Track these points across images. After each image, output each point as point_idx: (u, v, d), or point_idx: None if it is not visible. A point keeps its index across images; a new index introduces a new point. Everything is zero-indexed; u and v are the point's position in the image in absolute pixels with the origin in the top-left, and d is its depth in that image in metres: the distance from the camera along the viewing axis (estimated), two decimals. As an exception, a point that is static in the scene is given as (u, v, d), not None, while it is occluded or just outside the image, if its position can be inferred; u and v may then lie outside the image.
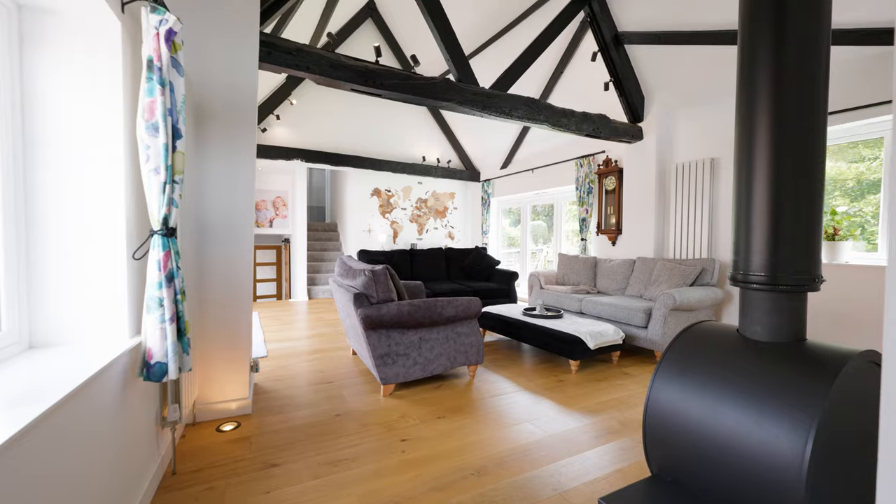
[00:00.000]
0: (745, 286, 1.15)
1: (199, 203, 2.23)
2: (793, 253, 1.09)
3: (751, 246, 1.15)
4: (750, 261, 1.15)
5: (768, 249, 1.11)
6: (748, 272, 1.14)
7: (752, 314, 1.13)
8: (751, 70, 1.16)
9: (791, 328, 1.09)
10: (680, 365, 1.18)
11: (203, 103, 2.22)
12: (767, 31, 1.13)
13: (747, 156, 1.17)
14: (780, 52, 1.12)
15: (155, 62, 1.36)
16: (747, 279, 1.14)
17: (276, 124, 6.28)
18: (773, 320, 1.09)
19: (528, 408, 2.52)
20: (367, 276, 2.61)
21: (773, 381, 1.01)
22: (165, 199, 1.41)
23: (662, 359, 1.23)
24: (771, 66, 1.12)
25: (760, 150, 1.13)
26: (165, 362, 1.43)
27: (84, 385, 1.08)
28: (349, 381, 2.95)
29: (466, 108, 3.39)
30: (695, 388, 1.11)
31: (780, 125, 1.12)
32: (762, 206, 1.12)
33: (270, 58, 2.61)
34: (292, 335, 4.34)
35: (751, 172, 1.15)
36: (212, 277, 2.28)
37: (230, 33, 2.25)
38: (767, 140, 1.12)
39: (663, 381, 1.20)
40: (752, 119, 1.17)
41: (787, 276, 1.08)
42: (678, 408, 1.14)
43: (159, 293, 1.41)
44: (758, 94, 1.16)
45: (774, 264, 1.10)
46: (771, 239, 1.11)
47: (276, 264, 8.75)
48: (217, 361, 2.31)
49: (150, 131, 1.38)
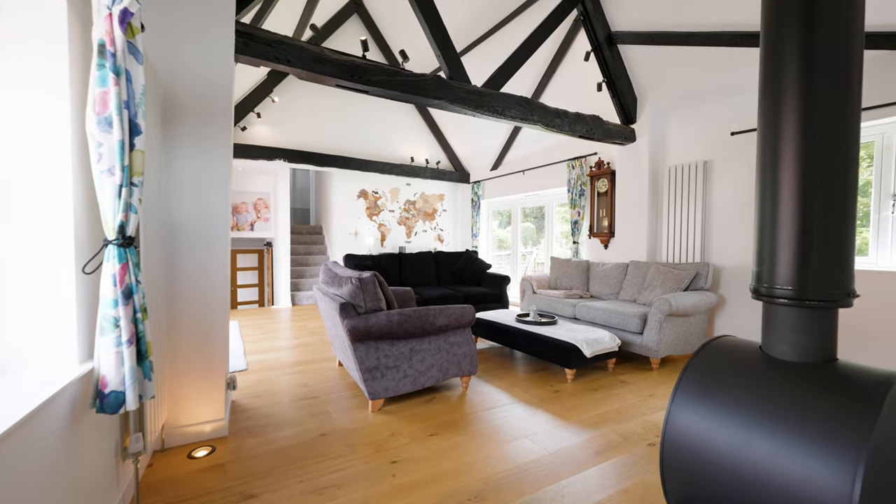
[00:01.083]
0: (770, 300, 1.04)
1: (167, 207, 2.04)
2: (823, 265, 0.98)
3: (776, 257, 1.04)
4: (775, 273, 1.04)
5: (796, 261, 1.00)
6: (773, 285, 1.03)
7: (778, 331, 1.03)
8: (776, 66, 1.05)
9: (821, 348, 0.98)
10: (700, 386, 1.06)
11: (172, 97, 2.03)
12: (795, 23, 1.02)
13: (772, 157, 1.06)
14: (809, 43, 1.01)
15: (107, 47, 1.19)
16: (772, 293, 1.03)
17: (256, 122, 6.04)
18: (801, 339, 0.99)
19: (525, 421, 2.39)
20: (354, 285, 2.44)
21: (808, 408, 0.90)
22: (121, 203, 1.24)
23: (681, 378, 1.11)
24: (799, 58, 1.02)
25: (787, 151, 1.02)
26: (122, 391, 1.24)
27: (17, 426, 0.91)
28: (335, 395, 2.78)
29: (458, 107, 3.25)
30: (719, 413, 1.00)
31: (810, 123, 1.01)
32: (789, 212, 1.01)
33: (248, 49, 2.43)
34: (274, 345, 4.13)
35: (776, 175, 1.05)
36: (183, 288, 2.09)
37: (202, 20, 2.07)
38: (795, 139, 1.02)
39: (683, 403, 1.08)
40: (778, 117, 1.06)
41: (816, 290, 0.97)
42: (701, 434, 1.03)
43: (114, 312, 1.23)
44: (784, 90, 1.05)
45: (803, 277, 1.00)
46: (799, 249, 1.01)
47: (257, 269, 8.47)
48: (189, 380, 2.11)
49: (103, 126, 1.20)
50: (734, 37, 3.35)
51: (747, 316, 3.73)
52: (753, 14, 3.19)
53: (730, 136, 3.85)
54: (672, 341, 3.40)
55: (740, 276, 3.78)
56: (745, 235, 3.74)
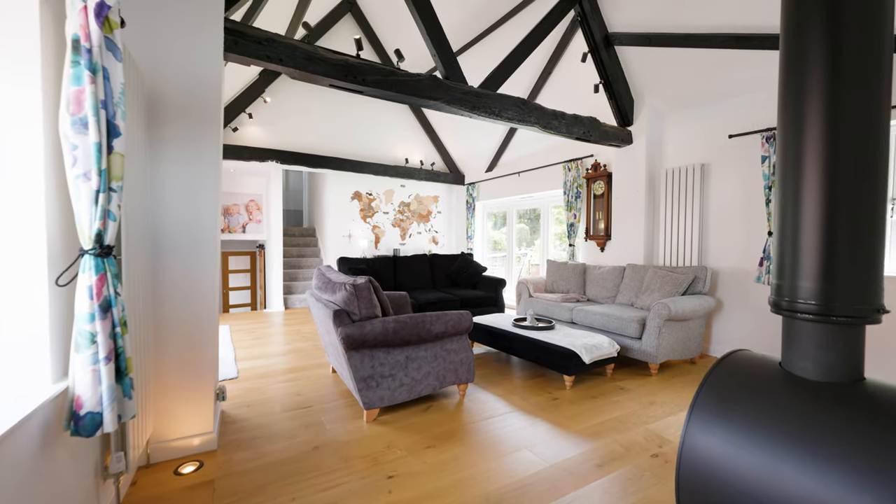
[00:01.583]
0: (792, 315, 0.98)
1: (153, 212, 1.95)
2: (850, 278, 0.93)
3: (798, 269, 0.98)
4: (797, 287, 0.98)
5: (820, 274, 0.95)
6: (795, 300, 0.98)
7: (801, 348, 0.97)
8: (798, 63, 1.00)
9: (848, 366, 0.93)
10: (718, 406, 1.01)
11: (157, 98, 1.94)
12: (820, 16, 0.97)
13: (794, 162, 1.00)
14: (834, 39, 0.96)
15: (82, 43, 1.10)
16: (794, 308, 0.98)
17: (248, 123, 5.93)
18: (826, 357, 0.93)
19: (524, 431, 2.33)
20: (349, 291, 2.37)
21: (839, 434, 0.84)
22: (99, 210, 1.15)
23: (698, 397, 1.05)
24: (824, 55, 0.96)
25: (810, 154, 0.97)
26: (99, 412, 1.16)
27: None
28: (329, 404, 2.70)
29: (455, 108, 3.19)
30: (740, 436, 0.94)
31: (835, 121, 0.95)
32: (812, 221, 0.96)
33: (238, 47, 2.35)
34: (266, 351, 4.03)
35: (798, 182, 0.99)
36: (170, 296, 2.00)
37: (189, 17, 1.98)
38: (819, 141, 0.96)
39: (700, 423, 1.02)
40: (801, 119, 1.00)
41: (842, 305, 0.92)
42: (721, 458, 0.97)
43: (91, 327, 1.15)
44: (808, 89, 0.99)
45: (827, 292, 0.94)
46: (823, 261, 0.95)
47: (249, 271, 8.34)
48: (176, 392, 2.02)
49: (78, 128, 1.12)
50: (732, 39, 3.32)
51: (745, 320, 3.71)
52: (751, 16, 3.17)
53: (728, 139, 3.83)
54: (671, 346, 3.36)
55: (738, 280, 3.76)
56: (743, 239, 3.72)
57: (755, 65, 3.44)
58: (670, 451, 2.12)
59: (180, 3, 1.97)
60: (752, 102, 3.64)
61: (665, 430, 2.36)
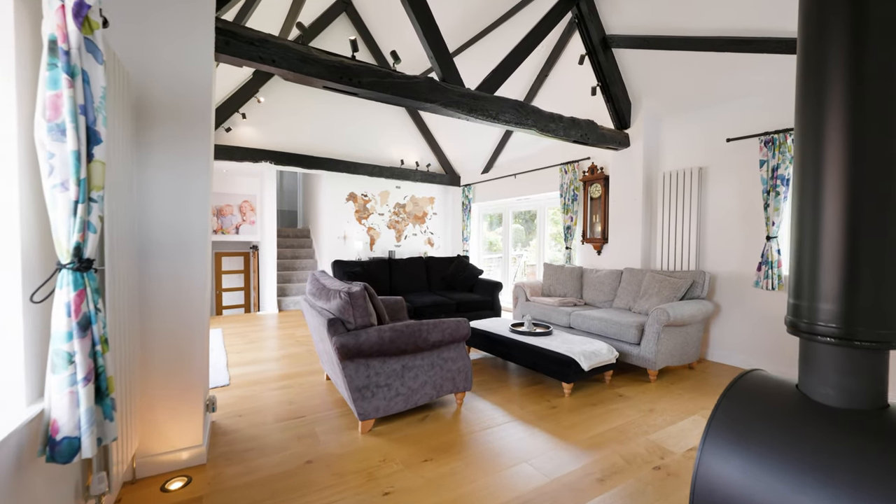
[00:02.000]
0: (810, 338, 0.94)
1: (141, 219, 1.87)
2: (874, 301, 0.88)
3: (818, 289, 0.93)
4: (817, 308, 0.93)
5: (842, 296, 0.90)
6: (814, 321, 0.93)
7: (821, 372, 0.93)
8: (818, 63, 0.95)
9: (871, 393, 0.89)
10: (733, 433, 0.96)
11: (145, 100, 1.87)
12: (842, 19, 0.92)
13: (813, 173, 0.96)
14: (858, 40, 0.91)
15: (59, 44, 1.04)
16: (813, 331, 0.93)
17: (242, 123, 5.84)
18: (848, 383, 0.89)
19: (523, 443, 2.28)
20: (343, 299, 2.30)
21: (864, 464, 0.80)
22: (77, 222, 1.08)
23: (711, 422, 1.01)
24: (846, 52, 0.91)
25: (831, 165, 0.92)
26: (77, 437, 1.09)
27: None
28: (323, 414, 2.63)
29: (451, 111, 3.13)
30: (759, 466, 0.89)
31: (858, 130, 0.90)
32: (833, 236, 0.91)
33: (229, 48, 2.27)
34: (259, 356, 3.95)
35: (818, 194, 0.94)
36: (158, 305, 1.93)
37: (178, 16, 1.91)
38: (841, 151, 0.91)
39: (715, 450, 0.97)
40: (820, 123, 0.95)
41: (866, 330, 0.88)
42: (738, 488, 0.92)
43: (68, 346, 1.08)
44: (827, 92, 0.93)
45: (850, 314, 0.89)
46: (845, 281, 0.90)
47: (243, 272, 8.23)
48: (163, 404, 1.95)
49: (55, 135, 1.05)
50: (730, 42, 3.30)
51: (743, 324, 3.69)
52: (751, 19, 3.15)
53: (725, 143, 3.81)
54: (669, 352, 3.33)
55: (736, 284, 3.74)
56: (741, 243, 3.71)
57: (754, 68, 3.42)
58: (672, 463, 2.09)
59: (169, 1, 1.90)
60: (750, 106, 3.62)
61: (666, 440, 2.32)
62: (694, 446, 2.25)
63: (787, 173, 3.30)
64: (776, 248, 3.38)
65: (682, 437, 2.36)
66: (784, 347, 3.41)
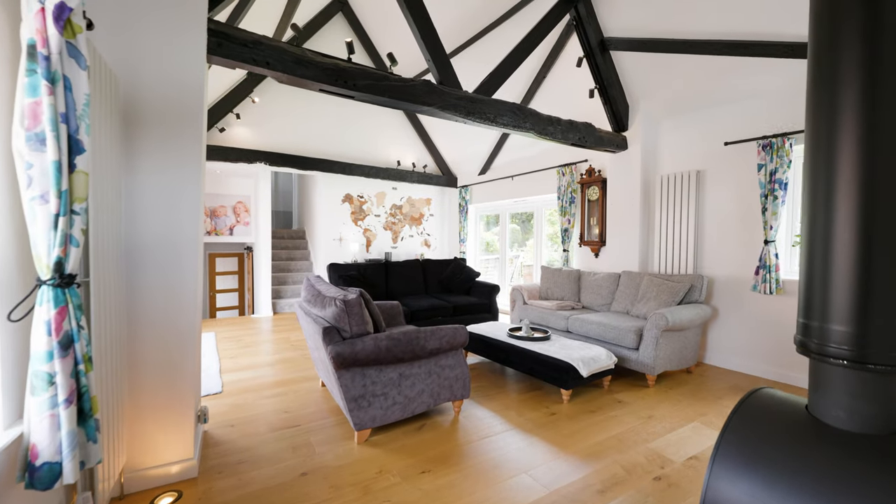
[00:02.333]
0: (821, 359, 0.91)
1: (129, 227, 1.82)
2: (888, 322, 0.85)
3: (830, 310, 0.90)
4: (828, 329, 0.90)
5: (855, 318, 0.87)
6: (825, 343, 0.90)
7: (832, 394, 0.90)
8: (831, 69, 0.91)
9: (885, 417, 0.86)
10: (742, 455, 0.93)
11: (134, 105, 1.81)
12: (855, 19, 0.89)
13: (825, 187, 0.92)
14: (873, 42, 0.88)
15: (39, 49, 0.98)
16: (824, 352, 0.90)
17: (236, 124, 5.76)
18: (861, 406, 0.86)
19: (522, 452, 2.25)
20: (339, 307, 2.26)
21: (880, 494, 0.77)
22: (58, 236, 1.03)
23: (720, 444, 0.97)
24: (861, 58, 0.88)
25: (844, 178, 0.89)
26: (58, 461, 1.04)
27: None
28: (318, 422, 2.58)
29: (449, 114, 3.09)
30: (770, 493, 0.86)
31: (874, 140, 0.86)
32: (846, 256, 0.88)
33: (222, 50, 2.22)
34: (253, 362, 3.89)
35: (830, 210, 0.90)
36: (147, 315, 1.87)
37: (169, 17, 1.86)
38: (854, 159, 0.87)
39: (723, 474, 0.94)
40: (833, 132, 0.91)
41: (879, 353, 0.85)
42: (745, 513, 0.88)
43: (48, 367, 1.03)
44: (840, 99, 0.90)
45: (862, 336, 0.86)
46: (858, 304, 0.87)
47: (237, 273, 8.15)
48: (153, 417, 1.89)
49: (34, 144, 1.00)
50: (730, 45, 3.28)
51: (741, 328, 3.68)
52: (751, 23, 3.13)
53: (723, 146, 3.80)
54: (668, 357, 3.31)
55: (734, 288, 3.73)
56: (739, 247, 3.69)
57: (753, 72, 3.40)
58: (672, 472, 2.06)
59: (159, 1, 1.84)
60: (748, 110, 3.61)
61: (666, 448, 2.30)
62: (694, 455, 2.23)
63: (785, 177, 3.29)
64: (774, 253, 3.37)
65: (681, 445, 2.33)
66: (782, 352, 3.40)
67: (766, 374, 3.50)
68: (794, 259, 3.52)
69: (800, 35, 2.96)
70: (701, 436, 2.45)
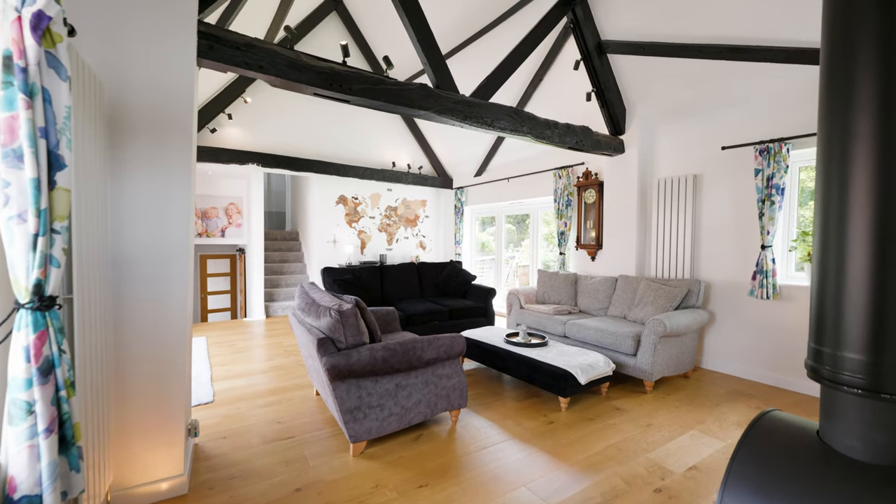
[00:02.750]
0: (834, 387, 0.88)
1: (116, 239, 1.76)
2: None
3: (843, 336, 0.87)
4: (841, 357, 0.87)
5: (870, 347, 0.84)
6: (838, 370, 0.87)
7: (846, 423, 0.87)
8: (846, 73, 0.88)
9: (902, 447, 0.83)
10: (754, 485, 0.90)
11: (120, 112, 1.75)
12: (871, 24, 0.86)
13: (838, 203, 0.89)
14: (892, 38, 0.85)
15: (16, 60, 0.93)
16: (837, 380, 0.87)
17: (227, 124, 5.67)
18: (877, 437, 0.83)
19: (521, 464, 2.22)
20: (334, 318, 2.21)
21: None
22: (38, 257, 0.98)
23: (729, 472, 0.95)
24: (879, 60, 0.85)
25: (860, 184, 0.85)
26: (38, 494, 0.99)
27: None
28: (313, 434, 2.53)
29: (446, 118, 3.05)
30: (781, 524, 0.83)
31: (892, 149, 0.83)
32: (861, 279, 0.85)
33: (213, 53, 2.16)
34: (246, 368, 3.82)
35: (843, 228, 0.87)
36: (135, 328, 1.81)
37: (158, 20, 1.80)
38: (871, 175, 0.84)
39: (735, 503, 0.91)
40: (847, 145, 0.88)
41: (895, 381, 0.82)
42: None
43: (27, 395, 0.97)
44: (856, 107, 0.86)
45: (877, 366, 0.84)
46: (874, 331, 0.83)
47: (229, 275, 8.04)
48: (141, 433, 1.84)
49: (11, 161, 0.94)
50: (727, 50, 3.27)
51: (738, 333, 3.68)
52: (749, 28, 3.12)
53: (720, 151, 3.79)
54: (665, 362, 3.30)
55: (730, 293, 3.73)
56: (736, 251, 3.69)
57: (750, 77, 3.40)
58: (672, 484, 2.04)
59: (147, 3, 1.78)
60: (746, 114, 3.60)
61: (665, 459, 2.28)
62: (694, 465, 2.21)
63: (781, 183, 3.29)
64: (771, 258, 3.37)
65: (681, 455, 2.32)
66: (779, 357, 3.41)
67: (762, 378, 3.51)
68: (790, 264, 3.52)
69: (798, 41, 2.96)
70: (700, 444, 2.44)
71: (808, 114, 3.21)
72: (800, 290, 3.30)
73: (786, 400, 3.13)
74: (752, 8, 3.01)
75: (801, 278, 3.44)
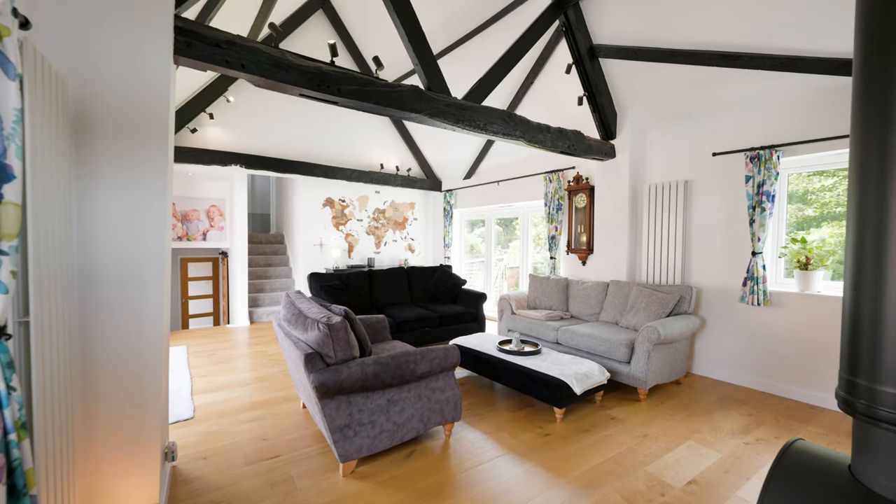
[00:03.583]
0: (870, 422, 0.82)
1: (83, 251, 1.61)
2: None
3: (881, 369, 0.81)
4: (878, 391, 0.81)
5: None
6: (875, 405, 0.81)
7: (882, 461, 0.81)
8: (883, 76, 0.82)
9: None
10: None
11: (88, 112, 1.60)
12: None
13: (877, 208, 0.82)
14: None
15: (-48, 56, 0.80)
16: (874, 415, 0.81)
17: (209, 124, 5.46)
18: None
19: (518, 481, 2.14)
20: (322, 332, 2.09)
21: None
22: (-18, 282, 0.85)
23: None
24: None
25: None
26: (-18, 555, 0.86)
27: None
28: (300, 451, 2.41)
29: (438, 121, 2.96)
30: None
31: None
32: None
33: (191, 50, 2.02)
34: (228, 380, 3.65)
35: (882, 250, 0.81)
36: (106, 347, 1.67)
37: (129, 13, 1.66)
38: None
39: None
40: (886, 152, 0.81)
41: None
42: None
43: (-31, 442, 0.85)
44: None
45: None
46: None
47: (212, 278, 7.80)
48: (111, 462, 1.69)
49: (-52, 172, 0.82)
50: (719, 56, 3.27)
51: (729, 339, 3.69)
52: (741, 35, 3.11)
53: (711, 157, 3.79)
54: (659, 370, 3.28)
55: (721, 299, 3.73)
56: (727, 257, 3.70)
57: (742, 83, 3.40)
58: (673, 500, 1.99)
59: (117, -4, 1.64)
60: (737, 121, 3.61)
61: (664, 472, 2.23)
62: (693, 479, 2.17)
63: (772, 189, 3.30)
64: (761, 264, 3.38)
65: (679, 468, 2.27)
66: (769, 363, 3.42)
67: (754, 384, 3.51)
68: (780, 270, 3.54)
69: (792, 49, 2.96)
70: (697, 456, 2.40)
71: (798, 121, 3.22)
72: (790, 297, 3.31)
73: (777, 406, 3.13)
74: (744, 16, 3.00)
75: (790, 285, 3.46)
